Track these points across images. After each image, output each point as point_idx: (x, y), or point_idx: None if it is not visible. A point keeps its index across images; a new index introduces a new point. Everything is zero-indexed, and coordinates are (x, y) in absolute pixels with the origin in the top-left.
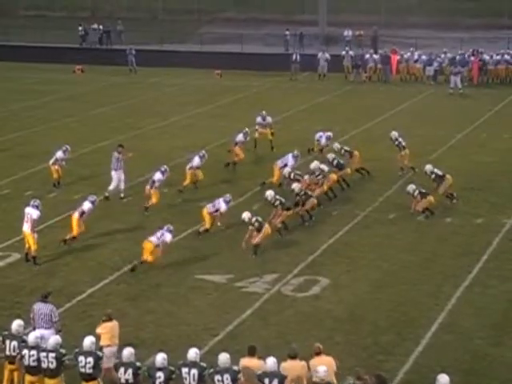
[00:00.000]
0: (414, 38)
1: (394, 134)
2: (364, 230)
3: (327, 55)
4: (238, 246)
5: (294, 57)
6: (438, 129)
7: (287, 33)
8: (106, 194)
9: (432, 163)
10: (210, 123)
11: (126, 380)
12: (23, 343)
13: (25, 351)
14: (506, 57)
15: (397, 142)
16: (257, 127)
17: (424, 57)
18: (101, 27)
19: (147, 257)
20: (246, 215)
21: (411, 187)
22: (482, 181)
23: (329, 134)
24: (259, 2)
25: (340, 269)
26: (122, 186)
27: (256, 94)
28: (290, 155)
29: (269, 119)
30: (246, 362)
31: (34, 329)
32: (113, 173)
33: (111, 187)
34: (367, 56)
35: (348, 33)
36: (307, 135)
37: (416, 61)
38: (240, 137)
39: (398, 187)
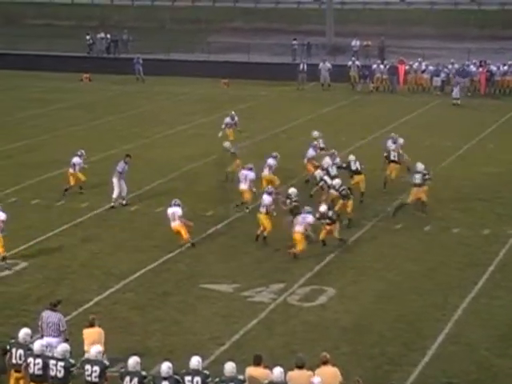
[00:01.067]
0: (421, 49)
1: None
2: (370, 239)
3: (328, 65)
4: (244, 256)
5: (301, 66)
6: (444, 139)
7: (294, 42)
8: (112, 204)
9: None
10: (217, 132)
11: None
12: (29, 351)
13: (30, 359)
14: None
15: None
16: (223, 126)
17: (431, 67)
18: (108, 36)
19: (300, 247)
20: (323, 208)
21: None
22: (488, 192)
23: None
24: (266, 12)
25: (346, 279)
26: (124, 193)
27: (263, 104)
28: (269, 158)
29: (236, 119)
30: (252, 371)
31: (42, 337)
32: (115, 180)
33: (114, 195)
34: (374, 66)
35: (355, 43)
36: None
37: (423, 71)
38: (310, 152)
39: (406, 196)
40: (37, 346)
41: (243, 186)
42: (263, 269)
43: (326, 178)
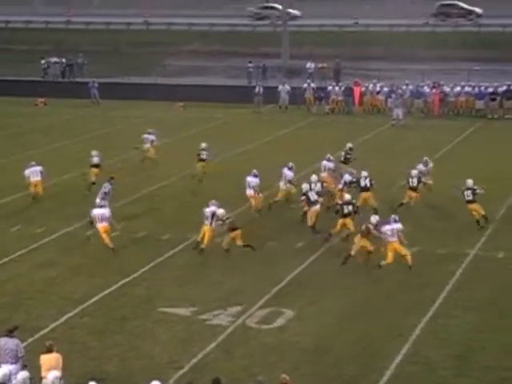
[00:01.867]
0: (376, 70)
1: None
2: (328, 260)
3: (288, 87)
4: (201, 279)
5: (256, 89)
6: (399, 160)
7: (250, 65)
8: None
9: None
10: (172, 156)
11: None
12: None
13: None
14: (467, 88)
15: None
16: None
17: (386, 88)
18: (63, 60)
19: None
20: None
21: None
22: (444, 211)
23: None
24: (222, 35)
25: (305, 300)
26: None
27: (219, 127)
28: (284, 169)
29: (152, 137)
30: None
31: None
32: (99, 202)
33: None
34: (330, 88)
35: (311, 65)
36: (271, 167)
37: (378, 92)
38: (347, 177)
39: (363, 216)
40: None
41: (249, 192)
42: (221, 291)
43: (310, 193)
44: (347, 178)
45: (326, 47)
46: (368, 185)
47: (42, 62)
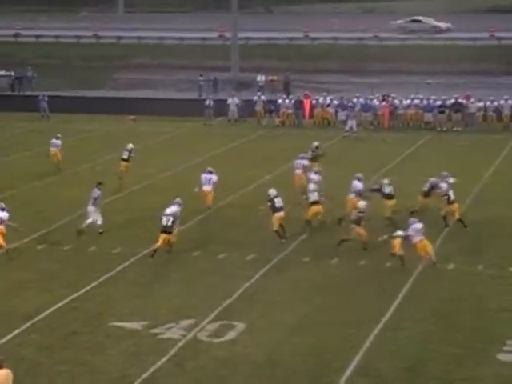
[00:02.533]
0: (325, 83)
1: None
2: (279, 273)
3: (237, 100)
4: (152, 292)
5: (207, 102)
6: (347, 174)
7: (201, 78)
8: (82, 226)
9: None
10: (120, 171)
11: None
12: None
13: None
14: (416, 101)
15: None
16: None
17: (336, 101)
18: (12, 73)
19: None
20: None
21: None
22: (396, 223)
23: None
24: (171, 48)
25: (256, 313)
26: (100, 222)
27: (169, 140)
28: (355, 181)
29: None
30: None
31: None
32: (91, 208)
33: (88, 222)
34: (280, 101)
35: (261, 78)
36: (221, 179)
37: (328, 105)
38: (357, 184)
39: (313, 228)
40: None
41: (207, 188)
42: (172, 305)
43: (276, 199)
44: (358, 185)
45: (276, 60)
46: (392, 192)
47: None
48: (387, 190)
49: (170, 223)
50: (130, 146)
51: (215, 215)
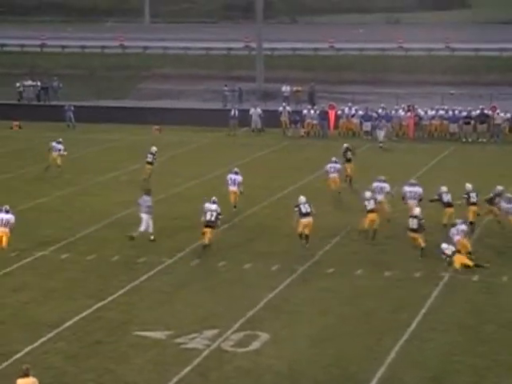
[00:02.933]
0: (350, 94)
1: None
2: (303, 284)
3: (259, 110)
4: (176, 302)
5: (232, 112)
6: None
7: (226, 88)
8: (134, 234)
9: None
10: (148, 179)
11: None
12: None
13: None
14: (441, 112)
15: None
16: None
17: (360, 112)
18: (38, 83)
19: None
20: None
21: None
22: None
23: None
24: (196, 58)
25: (280, 323)
26: (151, 229)
27: (194, 150)
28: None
29: (60, 147)
30: None
31: None
32: (144, 216)
33: (142, 228)
34: (305, 111)
35: (286, 88)
36: (246, 189)
37: (353, 116)
38: (418, 190)
39: (337, 241)
40: None
41: (232, 188)
42: (196, 315)
43: (302, 205)
44: (418, 190)
45: (301, 71)
46: (450, 200)
47: (17, 85)
48: (446, 198)
49: (213, 218)
50: (154, 148)
51: (240, 225)
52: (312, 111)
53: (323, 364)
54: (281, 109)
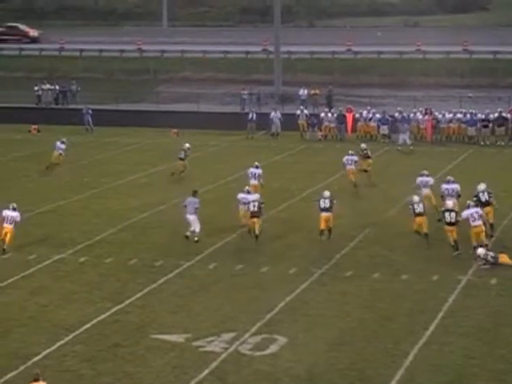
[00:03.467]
0: (368, 97)
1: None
2: (321, 287)
3: (279, 114)
4: (194, 305)
5: (250, 115)
6: (392, 188)
7: (244, 92)
8: (187, 233)
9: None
10: (166, 182)
11: None
12: None
13: None
14: (459, 115)
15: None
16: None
17: (378, 115)
18: (57, 87)
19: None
20: (481, 251)
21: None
22: (435, 237)
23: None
24: (215, 61)
25: (297, 327)
26: (198, 229)
27: (213, 153)
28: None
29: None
30: None
31: None
32: (191, 217)
33: (192, 229)
34: (322, 115)
35: (303, 92)
36: (265, 192)
37: (370, 119)
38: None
39: (355, 244)
40: None
41: (253, 182)
42: (214, 318)
43: (322, 200)
44: (456, 187)
45: (318, 74)
46: (488, 199)
47: (36, 88)
48: (483, 197)
49: (256, 208)
50: (187, 145)
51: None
52: (330, 114)
53: (341, 367)
54: (298, 112)
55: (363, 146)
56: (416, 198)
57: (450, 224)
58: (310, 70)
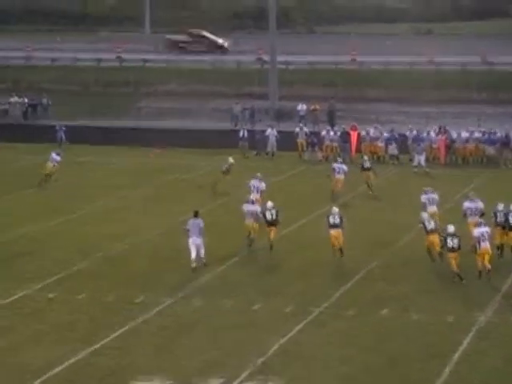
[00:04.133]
0: (375, 113)
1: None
2: (319, 327)
3: (275, 131)
4: (177, 347)
5: (241, 133)
6: (400, 214)
7: (236, 106)
8: (194, 265)
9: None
10: (146, 208)
11: None
12: None
13: None
14: (476, 134)
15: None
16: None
17: (386, 134)
18: (25, 100)
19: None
20: None
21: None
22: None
23: None
24: (203, 73)
25: (293, 373)
26: (202, 253)
27: (201, 175)
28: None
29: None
30: None
31: None
32: (197, 240)
33: (194, 255)
34: (323, 133)
35: (302, 107)
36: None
37: (377, 138)
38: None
39: (359, 278)
40: None
41: (256, 196)
42: (200, 362)
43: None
44: (479, 206)
45: (319, 87)
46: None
47: (2, 102)
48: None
49: (274, 217)
50: (231, 160)
51: (252, 258)
52: (332, 133)
53: None
54: (297, 130)
55: (365, 157)
56: (425, 215)
57: (453, 250)
58: (309, 82)
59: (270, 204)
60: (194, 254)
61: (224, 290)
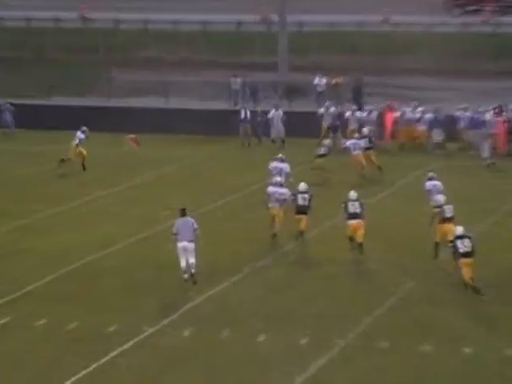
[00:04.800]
0: (415, 89)
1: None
2: (344, 363)
3: (281, 112)
4: None
5: (242, 114)
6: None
7: (236, 80)
8: (186, 277)
9: None
10: (121, 210)
11: None
12: None
13: None
14: None
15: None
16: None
17: (429, 115)
18: None
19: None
20: None
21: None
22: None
23: None
24: (192, 37)
25: None
26: (193, 260)
27: (189, 169)
28: None
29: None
30: None
31: None
32: (188, 246)
33: (183, 265)
34: (348, 114)
35: (320, 81)
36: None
37: (418, 120)
38: None
39: (393, 302)
40: None
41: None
42: None
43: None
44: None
45: (340, 55)
46: None
47: None
48: None
49: (306, 202)
50: (328, 141)
51: (258, 274)
52: (358, 113)
53: None
54: (322, 110)
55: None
56: (441, 198)
57: (466, 255)
58: (328, 48)
59: (303, 186)
60: (184, 263)
61: (219, 317)
